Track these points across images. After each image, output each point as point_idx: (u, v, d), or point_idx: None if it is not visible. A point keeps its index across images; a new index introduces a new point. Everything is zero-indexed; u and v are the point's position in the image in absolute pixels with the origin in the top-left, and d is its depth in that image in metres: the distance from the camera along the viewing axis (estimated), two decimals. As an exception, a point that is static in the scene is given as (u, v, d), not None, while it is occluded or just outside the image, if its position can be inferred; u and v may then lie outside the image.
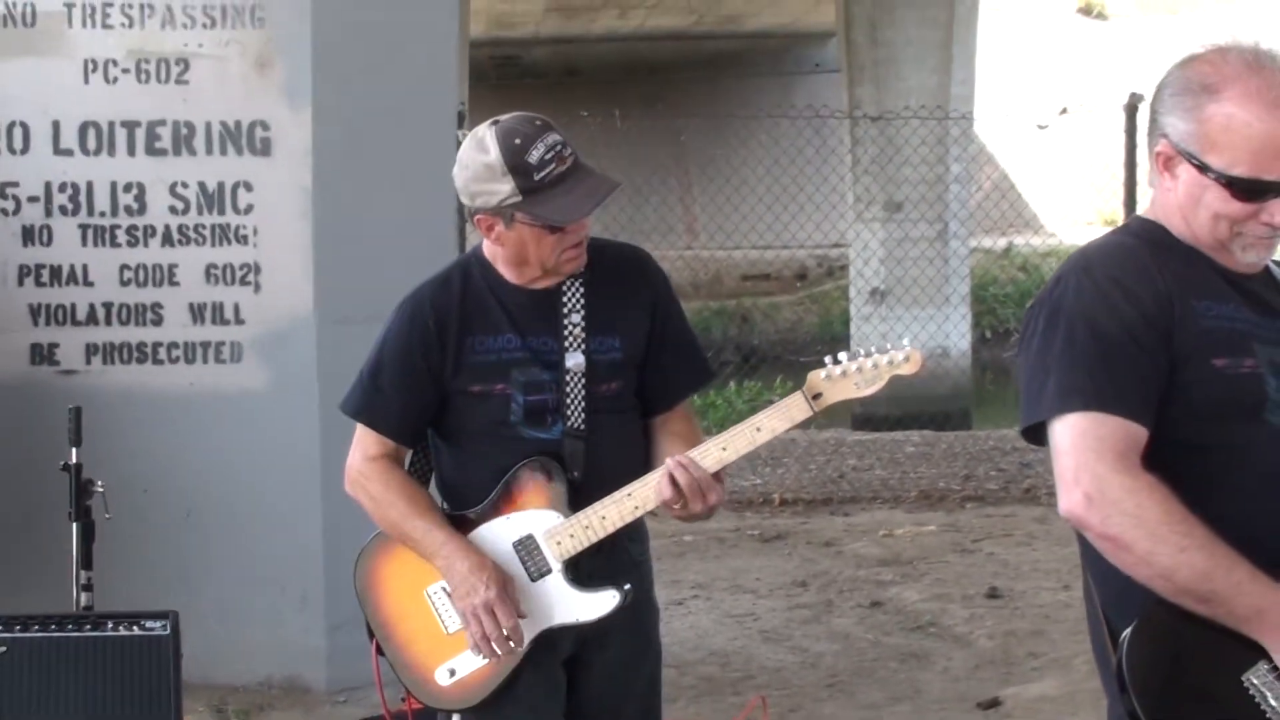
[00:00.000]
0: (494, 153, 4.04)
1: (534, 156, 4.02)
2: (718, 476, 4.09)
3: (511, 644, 4.11)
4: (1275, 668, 3.05)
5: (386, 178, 7.47)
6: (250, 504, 7.32)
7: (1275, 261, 3.38)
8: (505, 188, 4.03)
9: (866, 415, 21.87)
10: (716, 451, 4.09)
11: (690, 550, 10.71)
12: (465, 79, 28.38)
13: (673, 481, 4.05)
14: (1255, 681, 3.06)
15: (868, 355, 4.06)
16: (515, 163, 4.02)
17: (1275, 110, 3.13)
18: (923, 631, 8.69)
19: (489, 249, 4.23)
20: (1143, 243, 3.28)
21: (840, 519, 11.84)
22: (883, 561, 10.26)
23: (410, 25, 7.70)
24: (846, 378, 4.06)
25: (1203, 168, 3.17)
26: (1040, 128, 32.72)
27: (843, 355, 4.07)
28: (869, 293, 24.22)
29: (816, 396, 4.07)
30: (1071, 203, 31.87)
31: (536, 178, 4.01)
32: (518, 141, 4.04)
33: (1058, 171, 32.73)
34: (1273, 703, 3.04)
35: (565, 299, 4.22)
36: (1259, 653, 3.05)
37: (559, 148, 4.06)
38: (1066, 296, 3.21)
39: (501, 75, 38.23)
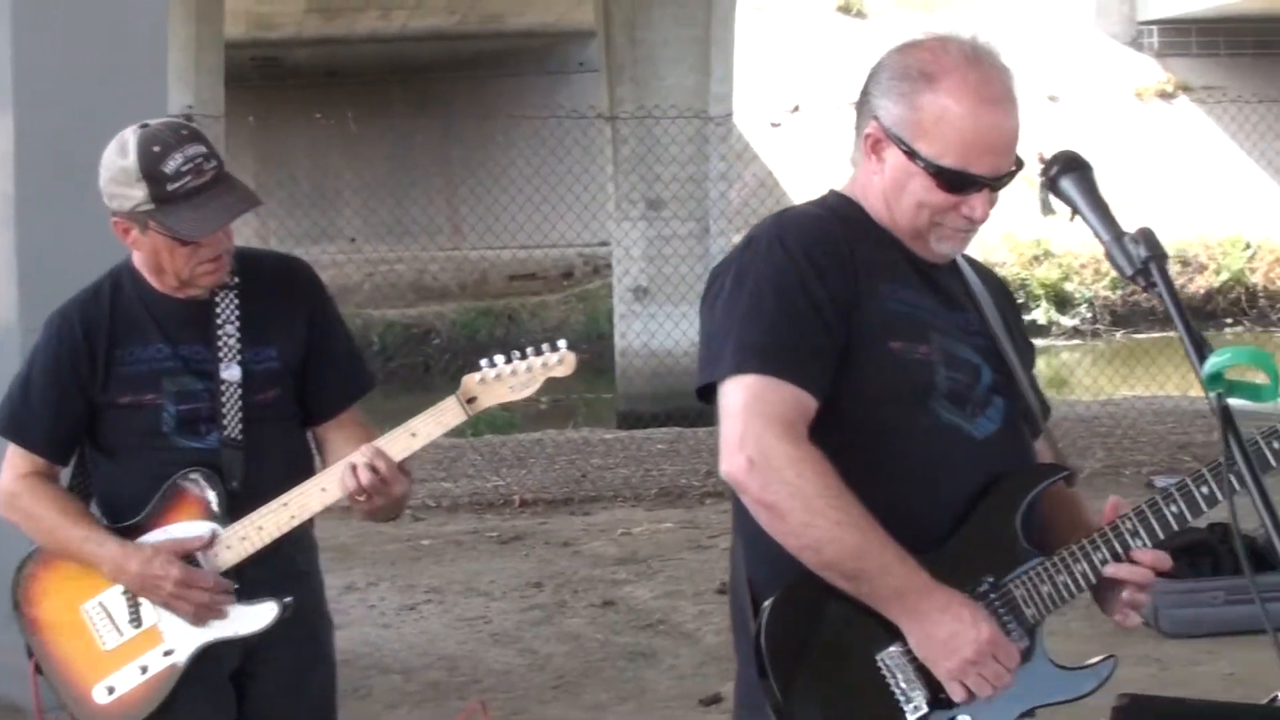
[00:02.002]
0: (131, 157, 3.99)
1: (170, 166, 3.96)
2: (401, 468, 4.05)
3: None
4: (908, 650, 3.09)
5: (95, 184, 7.29)
6: (-47, 520, 7.10)
7: (964, 256, 3.42)
8: (138, 194, 3.98)
9: (631, 413, 21.97)
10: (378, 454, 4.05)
11: (426, 554, 10.67)
12: (220, 80, 28.09)
13: (354, 472, 3.99)
14: (887, 662, 3.11)
15: (523, 358, 4.02)
16: (150, 170, 3.97)
17: (988, 105, 3.16)
18: (653, 630, 8.73)
19: (137, 258, 4.17)
20: (837, 218, 3.28)
21: (580, 519, 11.87)
22: (619, 560, 10.30)
23: (117, 28, 7.54)
24: (501, 380, 4.03)
25: (912, 154, 3.18)
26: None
27: (498, 358, 4.03)
28: (632, 291, 24.30)
29: (471, 400, 4.03)
30: (832, 199, 32.27)
31: (170, 188, 3.96)
32: (156, 149, 3.98)
33: (820, 168, 33.11)
34: (902, 684, 3.10)
35: (219, 309, 4.16)
36: (896, 634, 3.10)
37: (199, 160, 4.00)
38: (756, 260, 3.20)
39: (264, 76, 37.81)
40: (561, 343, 4.06)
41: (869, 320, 3.17)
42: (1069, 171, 3.00)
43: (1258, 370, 2.60)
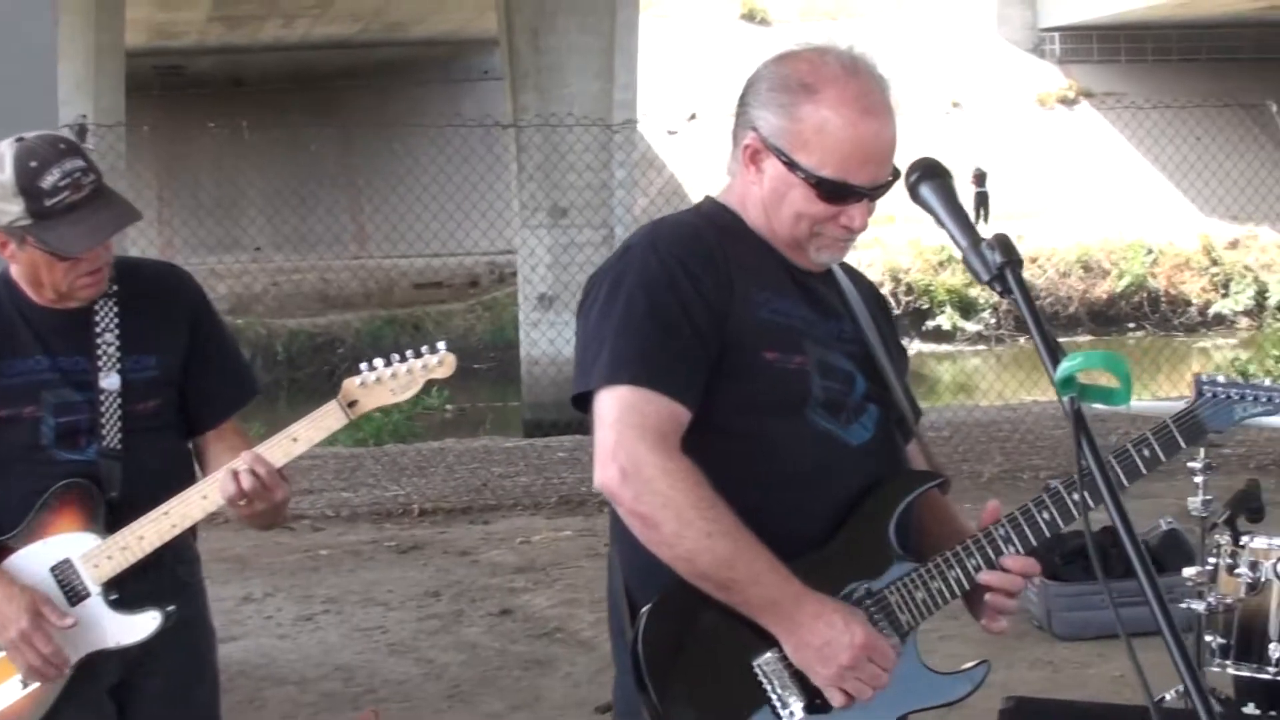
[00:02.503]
0: (8, 171, 3.94)
1: (47, 182, 3.92)
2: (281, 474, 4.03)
3: (59, 668, 3.99)
4: (784, 657, 3.10)
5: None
6: None
7: (840, 265, 3.43)
8: (15, 209, 3.93)
9: (537, 420, 21.97)
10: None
11: (325, 564, 10.63)
12: (121, 89, 27.93)
13: (235, 477, 3.96)
14: (764, 669, 3.11)
15: (402, 360, 4.01)
16: (26, 185, 3.92)
17: (867, 116, 3.17)
18: (549, 638, 8.72)
19: (14, 270, 4.13)
20: (713, 226, 3.29)
21: (480, 527, 11.85)
22: (517, 569, 10.29)
23: (3, 37, 7.48)
24: (381, 384, 4.01)
25: (792, 165, 3.19)
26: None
27: (378, 361, 4.02)
28: (537, 299, 24.31)
29: (352, 404, 4.01)
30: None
31: (47, 204, 3.91)
32: (34, 164, 3.94)
33: (725, 175, 33.18)
34: (778, 690, 3.10)
35: (98, 319, 4.12)
36: (772, 641, 3.10)
37: (77, 175, 3.95)
38: (630, 270, 3.20)
39: (166, 85, 37.64)
40: (441, 344, 4.05)
41: (743, 329, 3.18)
42: (928, 179, 3.02)
43: (1110, 374, 2.63)
